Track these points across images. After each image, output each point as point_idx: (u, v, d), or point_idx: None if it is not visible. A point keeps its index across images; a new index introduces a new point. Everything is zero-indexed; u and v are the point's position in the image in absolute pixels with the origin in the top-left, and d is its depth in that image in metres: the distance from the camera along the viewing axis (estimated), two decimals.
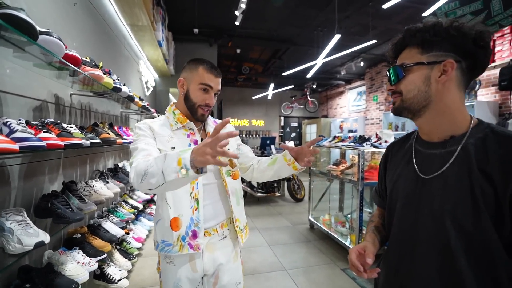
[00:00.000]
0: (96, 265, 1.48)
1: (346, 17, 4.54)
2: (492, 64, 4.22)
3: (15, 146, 0.88)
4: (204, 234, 1.01)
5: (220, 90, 1.06)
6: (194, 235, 0.98)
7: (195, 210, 0.99)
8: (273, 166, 1.08)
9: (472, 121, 0.65)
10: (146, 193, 2.88)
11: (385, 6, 3.25)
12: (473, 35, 0.60)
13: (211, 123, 1.14)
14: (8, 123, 0.99)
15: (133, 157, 0.91)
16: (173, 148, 0.99)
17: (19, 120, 1.05)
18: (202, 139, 1.04)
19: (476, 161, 0.60)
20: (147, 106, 2.73)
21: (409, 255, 0.68)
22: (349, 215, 3.23)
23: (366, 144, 2.79)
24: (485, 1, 2.47)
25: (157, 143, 0.99)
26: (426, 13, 3.07)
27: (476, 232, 0.58)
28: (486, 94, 4.45)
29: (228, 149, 1.07)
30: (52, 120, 1.30)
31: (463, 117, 0.66)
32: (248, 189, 4.83)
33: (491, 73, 4.33)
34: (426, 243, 0.65)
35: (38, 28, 0.94)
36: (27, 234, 0.99)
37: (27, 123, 1.11)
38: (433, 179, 0.65)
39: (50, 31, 1.04)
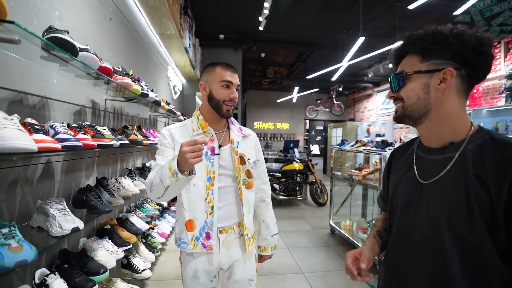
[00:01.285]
0: (123, 254, 1.64)
1: (372, 19, 4.43)
2: None
3: (58, 146, 1.03)
4: (221, 232, 1.08)
5: (239, 85, 1.11)
6: (208, 236, 1.05)
7: (209, 214, 1.05)
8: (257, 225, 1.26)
9: (472, 128, 0.66)
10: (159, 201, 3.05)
11: (411, 6, 3.13)
12: (472, 42, 0.60)
13: (235, 129, 1.16)
14: (53, 126, 1.16)
15: (152, 169, 1.04)
16: None
17: (62, 123, 1.22)
18: (220, 146, 1.10)
19: (473, 167, 0.60)
20: (173, 109, 2.91)
21: (406, 257, 0.69)
22: (372, 222, 3.13)
23: (389, 149, 2.70)
24: None
25: (176, 150, 1.05)
26: (459, 11, 2.90)
27: (470, 238, 0.58)
28: None
29: (249, 159, 1.14)
30: (88, 123, 1.48)
31: (463, 124, 0.66)
32: (271, 191, 4.87)
33: None
34: (422, 246, 0.65)
35: (78, 45, 1.13)
36: (66, 220, 1.14)
37: (68, 125, 1.28)
38: (431, 184, 0.66)
39: (88, 47, 1.22)
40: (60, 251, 1.38)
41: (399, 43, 0.72)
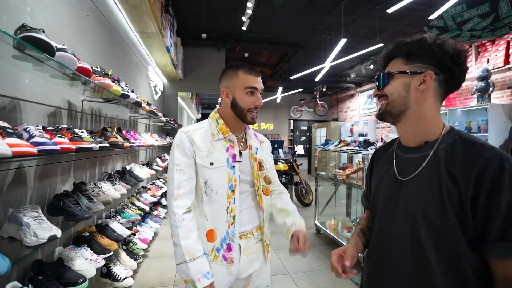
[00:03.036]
0: (103, 262, 1.57)
1: (353, 21, 4.54)
2: (507, 66, 4.09)
3: (34, 150, 0.98)
4: (241, 238, 1.03)
5: (264, 89, 1.05)
6: (229, 248, 1.00)
7: (231, 224, 1.00)
8: (279, 214, 1.11)
9: (444, 128, 0.71)
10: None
11: (389, 10, 3.25)
12: (451, 52, 0.67)
13: (252, 135, 1.12)
14: (28, 129, 1.10)
15: (168, 185, 1.00)
16: (212, 163, 0.99)
17: (37, 126, 1.16)
18: (240, 153, 1.05)
19: (445, 164, 0.65)
20: (154, 110, 2.84)
21: (387, 251, 0.73)
22: (356, 220, 3.21)
23: (371, 148, 2.78)
24: (493, 4, 2.43)
25: (196, 157, 0.99)
26: (433, 16, 3.04)
27: (443, 230, 0.62)
28: (501, 97, 4.31)
29: (265, 164, 1.12)
30: (65, 125, 1.41)
31: (437, 124, 0.71)
32: None
33: (506, 75, 4.20)
34: (402, 240, 0.70)
35: (55, 45, 1.07)
36: (42, 229, 1.08)
37: (44, 128, 1.21)
38: (409, 181, 0.71)
39: (65, 47, 1.16)
40: (33, 262, 1.29)
41: (380, 45, 0.76)
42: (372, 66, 6.51)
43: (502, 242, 0.56)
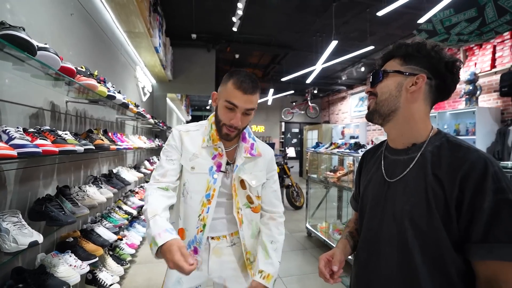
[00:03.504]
0: (88, 268, 1.52)
1: (344, 23, 4.59)
2: (493, 70, 4.21)
3: (14, 152, 0.94)
4: (212, 238, 1.02)
5: (252, 109, 0.92)
6: (195, 251, 1.00)
7: (200, 231, 0.98)
8: (259, 248, 1.03)
9: (432, 131, 0.72)
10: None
11: (379, 13, 3.29)
12: (447, 59, 0.69)
13: (244, 151, 1.02)
14: (7, 130, 1.06)
15: (155, 167, 1.00)
16: (193, 168, 0.98)
17: (17, 127, 1.12)
18: (228, 163, 1.00)
19: (431, 167, 0.66)
20: (142, 112, 2.78)
21: (375, 252, 0.74)
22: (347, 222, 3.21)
23: (361, 151, 2.80)
24: (479, 9, 2.49)
25: (182, 158, 1.00)
26: (422, 20, 3.10)
27: (429, 231, 0.63)
28: (488, 100, 4.43)
29: (251, 183, 1.02)
30: (48, 127, 1.36)
31: (425, 127, 0.72)
32: None
33: (492, 79, 4.32)
34: (389, 241, 0.70)
35: (36, 44, 1.03)
36: (22, 234, 1.04)
37: (24, 130, 1.17)
38: (396, 182, 0.72)
39: (47, 46, 1.12)
40: (13, 269, 1.24)
41: (371, 48, 0.76)
42: (363, 69, 6.60)
43: (484, 244, 0.57)
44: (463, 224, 0.60)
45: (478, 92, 4.30)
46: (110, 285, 1.84)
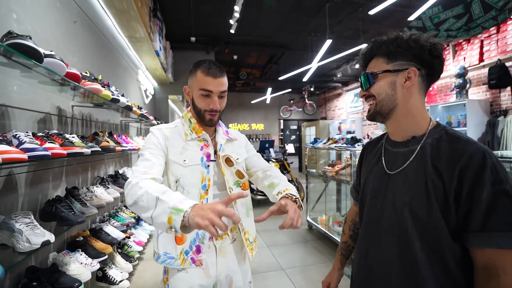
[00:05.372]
0: (98, 266, 1.58)
1: (338, 22, 4.67)
2: (481, 64, 4.31)
3: (24, 156, 0.98)
4: (216, 239, 1.01)
5: (224, 91, 0.98)
6: (198, 250, 0.96)
7: None
8: (268, 191, 1.03)
9: (431, 123, 0.73)
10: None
11: (371, 12, 3.37)
12: (428, 46, 0.69)
13: (222, 133, 1.08)
14: (17, 135, 1.10)
15: (135, 164, 0.90)
16: (185, 161, 0.96)
17: (27, 132, 1.16)
18: (215, 151, 1.03)
19: (431, 159, 0.67)
20: (145, 114, 2.84)
21: (376, 241, 0.76)
22: (346, 215, 3.29)
23: (358, 145, 2.88)
24: (466, 5, 2.58)
25: (169, 153, 0.96)
26: (412, 17, 3.18)
27: (428, 221, 0.65)
28: (477, 93, 4.52)
29: (236, 159, 1.05)
30: (56, 131, 1.41)
31: (424, 119, 0.74)
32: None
33: (481, 72, 4.41)
34: (389, 231, 0.72)
35: (42, 51, 1.07)
36: (35, 234, 1.08)
37: (33, 134, 1.22)
38: (397, 174, 0.73)
39: (53, 53, 1.17)
40: (27, 268, 1.29)
41: (364, 46, 0.80)
42: (357, 66, 6.64)
43: (481, 233, 0.59)
44: (462, 214, 0.62)
45: (468, 85, 4.39)
46: (120, 281, 1.91)
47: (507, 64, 3.93)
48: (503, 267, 0.58)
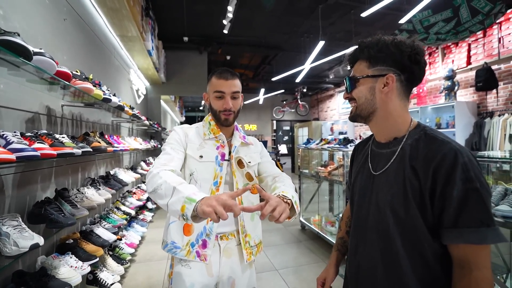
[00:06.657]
0: (89, 269, 1.54)
1: (330, 24, 4.72)
2: (469, 66, 4.43)
3: (12, 156, 0.95)
4: (221, 238, 1.04)
5: (236, 91, 1.06)
6: (204, 245, 1.00)
7: (210, 220, 0.98)
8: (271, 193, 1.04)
9: (411, 124, 0.75)
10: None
11: (363, 14, 3.42)
12: (408, 52, 0.70)
13: (238, 137, 1.13)
14: (5, 135, 1.07)
15: (158, 157, 0.99)
16: (201, 156, 1.04)
17: (15, 132, 1.13)
18: (230, 152, 1.09)
19: (409, 159, 0.70)
20: (137, 114, 2.80)
21: (363, 239, 0.79)
22: (339, 215, 3.33)
23: (350, 146, 2.91)
24: (454, 10, 2.65)
25: (188, 149, 1.05)
26: (403, 20, 3.25)
27: (407, 219, 0.68)
28: (465, 95, 4.65)
29: (248, 162, 1.10)
30: (45, 131, 1.38)
31: (404, 121, 0.76)
32: None
33: (469, 74, 4.54)
34: (374, 229, 0.75)
35: (31, 49, 1.04)
36: (23, 237, 1.05)
37: (22, 134, 1.18)
38: (380, 175, 0.76)
39: (43, 51, 1.14)
40: (14, 273, 1.25)
41: (352, 48, 0.82)
42: (349, 68, 6.73)
43: (454, 229, 0.62)
44: (437, 211, 0.64)
45: (456, 88, 4.51)
46: (111, 284, 1.87)
47: (493, 67, 4.05)
48: (475, 262, 0.61)
